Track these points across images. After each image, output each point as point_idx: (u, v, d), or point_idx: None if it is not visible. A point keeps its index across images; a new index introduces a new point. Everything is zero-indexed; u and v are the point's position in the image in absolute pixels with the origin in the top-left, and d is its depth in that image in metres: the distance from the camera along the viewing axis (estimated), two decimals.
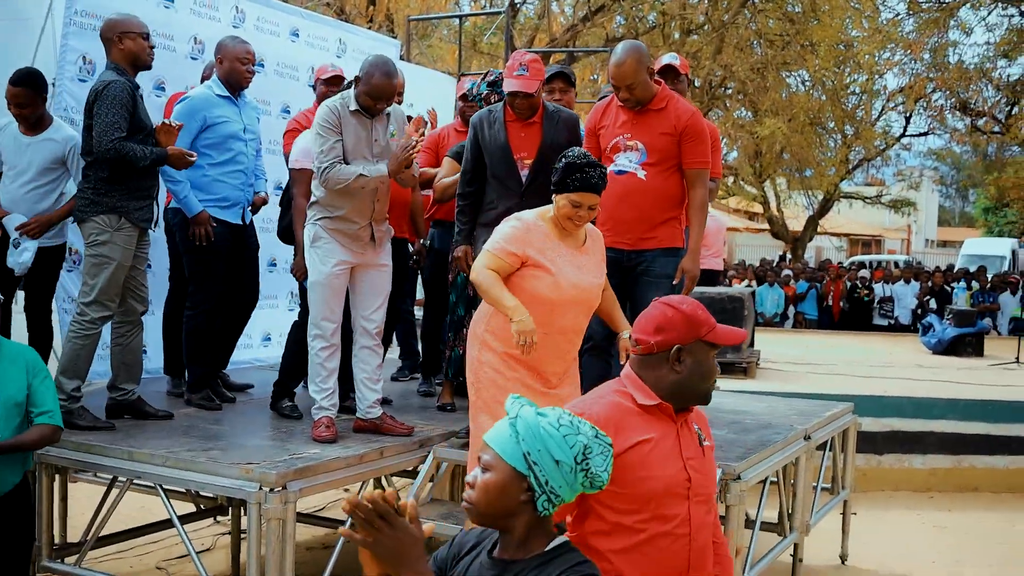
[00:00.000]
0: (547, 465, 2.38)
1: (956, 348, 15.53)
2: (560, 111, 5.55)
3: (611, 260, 5.16)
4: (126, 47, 5.49)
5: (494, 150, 5.43)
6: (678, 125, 5.27)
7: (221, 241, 6.07)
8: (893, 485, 10.25)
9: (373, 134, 5.33)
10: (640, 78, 5.21)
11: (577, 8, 20.71)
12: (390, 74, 5.19)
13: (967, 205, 61.77)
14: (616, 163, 5.34)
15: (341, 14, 18.42)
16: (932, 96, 25.97)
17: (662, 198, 5.34)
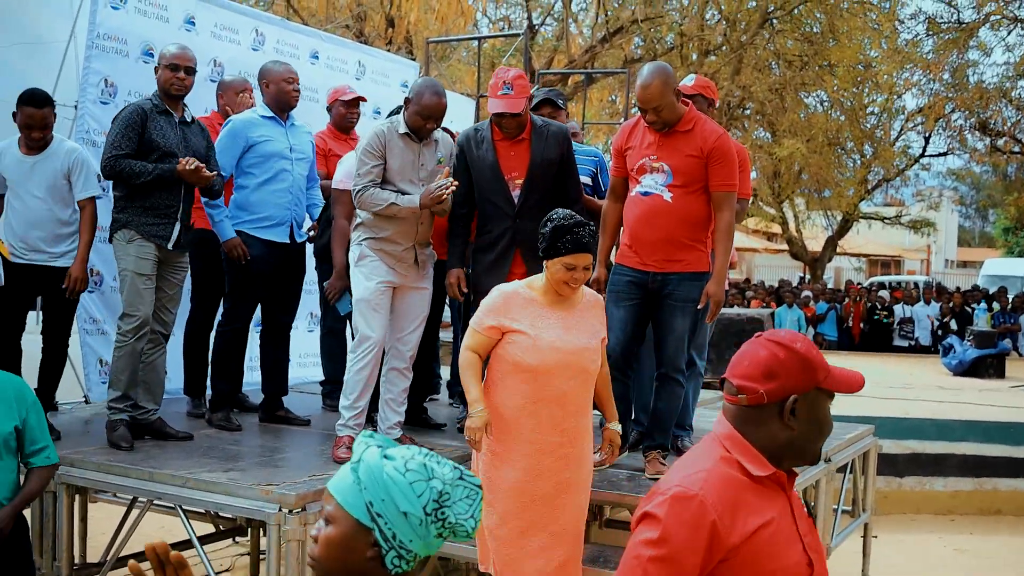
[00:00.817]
0: (392, 516, 1.99)
1: (977, 369, 15.45)
2: (549, 124, 5.42)
3: (635, 281, 5.30)
4: (157, 77, 5.67)
5: (483, 171, 5.32)
6: (704, 147, 5.17)
7: (261, 261, 6.09)
8: (914, 508, 10.19)
9: (420, 159, 5.38)
10: (667, 100, 5.11)
11: (596, 30, 20.76)
12: (439, 93, 5.27)
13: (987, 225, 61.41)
14: (642, 184, 5.25)
15: (360, 36, 18.54)
16: (951, 116, 25.90)
17: (688, 220, 5.23)
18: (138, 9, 6.73)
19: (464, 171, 5.34)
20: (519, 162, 5.29)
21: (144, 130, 5.48)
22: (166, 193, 5.59)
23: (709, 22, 21.69)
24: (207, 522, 7.01)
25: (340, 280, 5.82)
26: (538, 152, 5.29)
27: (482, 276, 5.27)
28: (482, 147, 5.30)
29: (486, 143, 5.30)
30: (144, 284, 5.52)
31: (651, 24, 20.18)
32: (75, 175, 5.77)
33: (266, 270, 6.14)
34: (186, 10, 7.12)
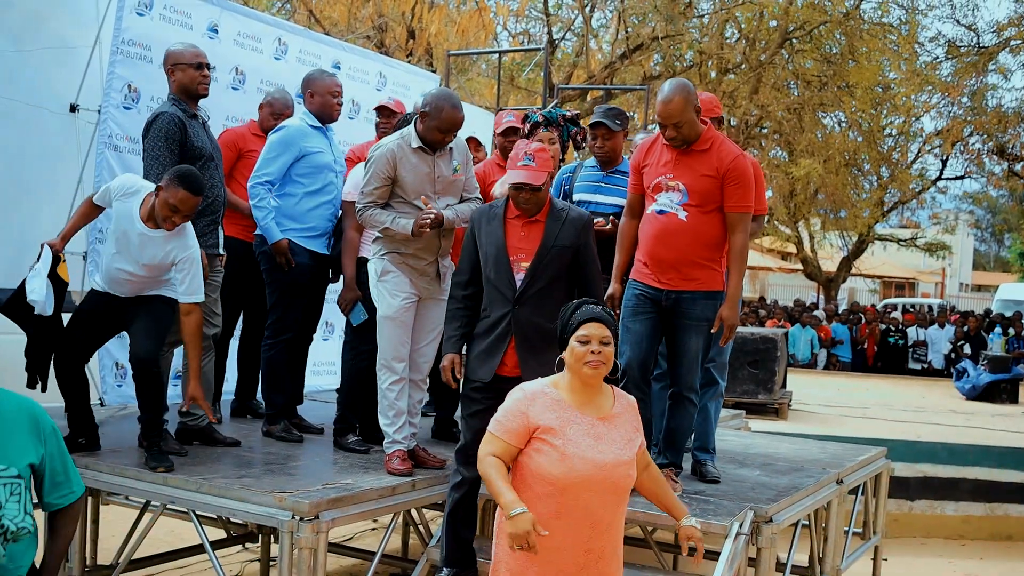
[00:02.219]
0: None
1: (990, 394, 15.41)
2: (570, 209, 4.92)
3: (649, 297, 5.27)
4: (177, 78, 5.62)
5: (490, 249, 4.81)
6: (721, 167, 5.10)
7: (305, 271, 6.09)
8: (925, 531, 10.15)
9: (436, 170, 5.35)
10: (687, 116, 5.06)
11: (615, 46, 20.80)
12: (457, 106, 5.26)
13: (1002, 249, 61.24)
14: (657, 202, 5.20)
15: (381, 47, 18.61)
16: (969, 139, 25.86)
17: (702, 240, 5.17)
18: (163, 16, 6.79)
19: (472, 248, 4.92)
20: (528, 244, 4.80)
21: (184, 139, 5.47)
22: (212, 200, 5.63)
23: (729, 40, 21.73)
24: (218, 527, 7.03)
25: (351, 291, 5.80)
26: (551, 235, 4.78)
27: (473, 363, 4.86)
28: (492, 224, 4.85)
29: (497, 220, 4.85)
30: None
31: (671, 41, 20.22)
32: (182, 272, 5.19)
33: (309, 280, 6.15)
34: (210, 18, 7.17)
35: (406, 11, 19.17)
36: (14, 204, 6.77)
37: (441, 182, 5.39)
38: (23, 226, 6.80)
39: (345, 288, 5.84)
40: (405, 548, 7.81)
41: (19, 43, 6.74)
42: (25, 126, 6.77)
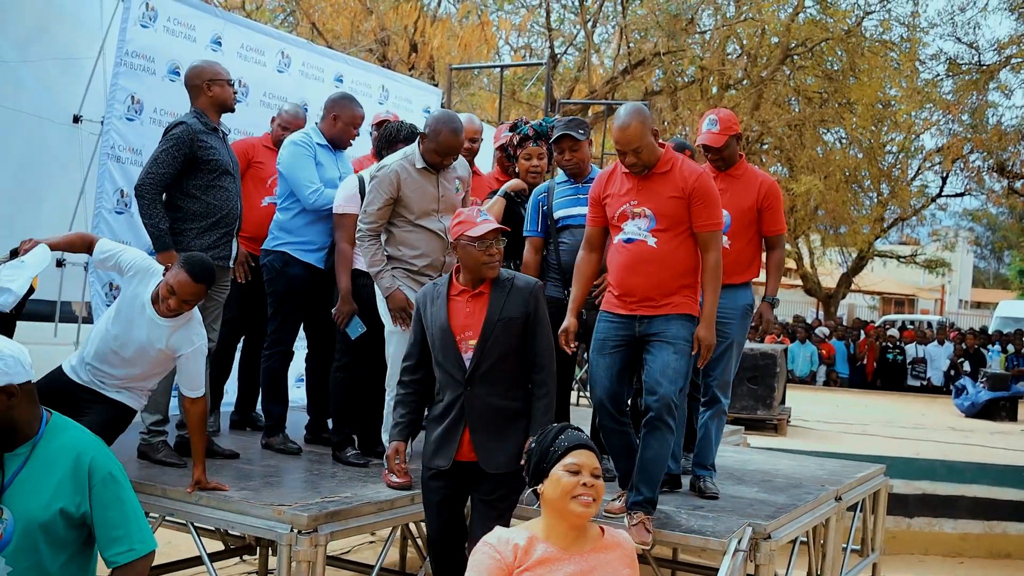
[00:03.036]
0: None
1: (989, 412, 15.40)
2: (515, 278, 4.58)
3: (621, 328, 5.00)
4: (215, 93, 5.66)
5: (435, 330, 4.50)
6: (686, 187, 4.90)
7: (300, 282, 6.12)
8: (923, 549, 10.14)
9: (440, 189, 5.41)
10: (646, 141, 4.85)
11: (617, 61, 20.86)
12: (456, 130, 5.30)
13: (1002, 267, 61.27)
14: (624, 231, 4.98)
15: (383, 61, 18.66)
16: (969, 157, 25.90)
17: (675, 266, 4.95)
18: (167, 28, 6.81)
19: (419, 329, 4.61)
20: (474, 320, 4.49)
21: (193, 150, 5.48)
22: (227, 212, 5.64)
23: (730, 56, 21.80)
24: (216, 539, 7.02)
25: (347, 304, 5.77)
26: (496, 308, 4.46)
27: (431, 449, 4.53)
28: (436, 303, 4.54)
29: (441, 299, 4.54)
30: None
31: (672, 57, 20.29)
32: (185, 363, 4.93)
33: (308, 293, 6.16)
34: (213, 30, 7.19)
35: (409, 25, 19.24)
36: (17, 213, 6.79)
37: (444, 202, 5.43)
38: (25, 236, 6.79)
39: (341, 301, 5.79)
40: (403, 561, 7.80)
41: (23, 53, 6.77)
42: (28, 136, 6.80)
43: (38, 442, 3.38)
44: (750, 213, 5.80)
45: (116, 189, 6.54)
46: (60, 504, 3.34)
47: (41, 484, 3.35)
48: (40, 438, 3.39)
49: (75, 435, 3.47)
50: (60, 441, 3.41)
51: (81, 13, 7.12)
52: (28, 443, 3.36)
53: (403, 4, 19.18)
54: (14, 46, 6.74)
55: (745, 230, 5.82)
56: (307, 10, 19.71)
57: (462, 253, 4.47)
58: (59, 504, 3.34)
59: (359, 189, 5.72)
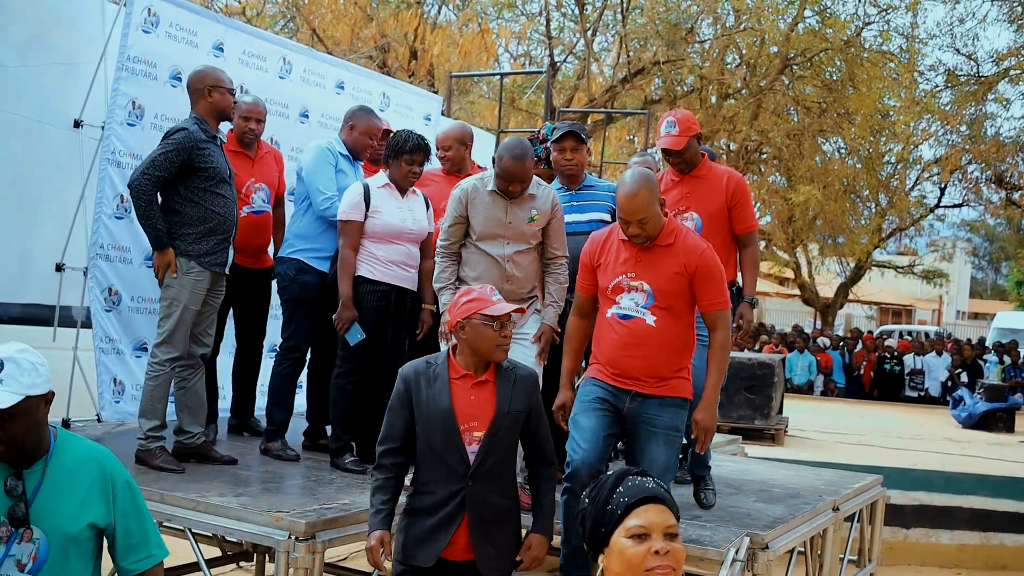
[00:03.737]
0: None
1: (987, 423, 15.41)
2: (517, 367, 4.27)
3: (608, 397, 4.69)
4: (215, 100, 5.68)
5: (433, 416, 4.07)
6: (690, 264, 4.60)
7: (314, 289, 6.14)
8: (919, 559, 10.14)
9: (508, 216, 5.30)
10: (653, 211, 4.53)
11: (617, 70, 20.89)
12: (518, 156, 5.16)
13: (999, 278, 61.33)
14: (620, 306, 4.65)
15: (383, 67, 18.69)
16: (968, 168, 25.96)
17: (673, 346, 4.65)
18: (168, 34, 6.81)
19: (406, 411, 4.13)
20: (480, 410, 4.11)
21: (191, 157, 5.49)
22: (225, 219, 5.66)
23: (730, 66, 21.83)
24: (213, 545, 7.01)
25: (348, 311, 5.73)
26: (505, 400, 4.13)
27: (413, 546, 4.10)
28: (435, 385, 4.12)
29: (441, 382, 4.12)
30: (191, 317, 5.58)
31: (672, 66, 20.33)
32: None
33: (319, 299, 6.16)
34: (215, 36, 7.19)
35: (409, 32, 19.29)
36: (17, 219, 6.78)
37: (512, 228, 5.30)
38: (25, 241, 6.82)
39: (341, 307, 5.75)
40: None
41: (24, 58, 6.77)
42: (29, 141, 6.79)
43: (51, 456, 3.25)
44: (720, 213, 5.62)
45: (116, 194, 6.54)
46: (90, 516, 3.24)
47: (66, 497, 3.23)
48: (52, 452, 3.27)
49: (87, 445, 3.37)
50: (73, 452, 3.30)
51: (82, 18, 7.12)
52: (42, 458, 3.24)
53: (403, 11, 19.24)
54: (15, 51, 6.73)
55: (717, 232, 5.57)
56: (308, 16, 19.75)
57: (472, 333, 4.07)
58: (88, 516, 3.24)
59: (363, 196, 5.73)
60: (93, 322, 6.53)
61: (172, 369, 5.58)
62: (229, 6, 20.06)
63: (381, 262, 5.75)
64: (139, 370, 6.61)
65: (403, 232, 5.79)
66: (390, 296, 5.79)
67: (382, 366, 5.78)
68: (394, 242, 5.77)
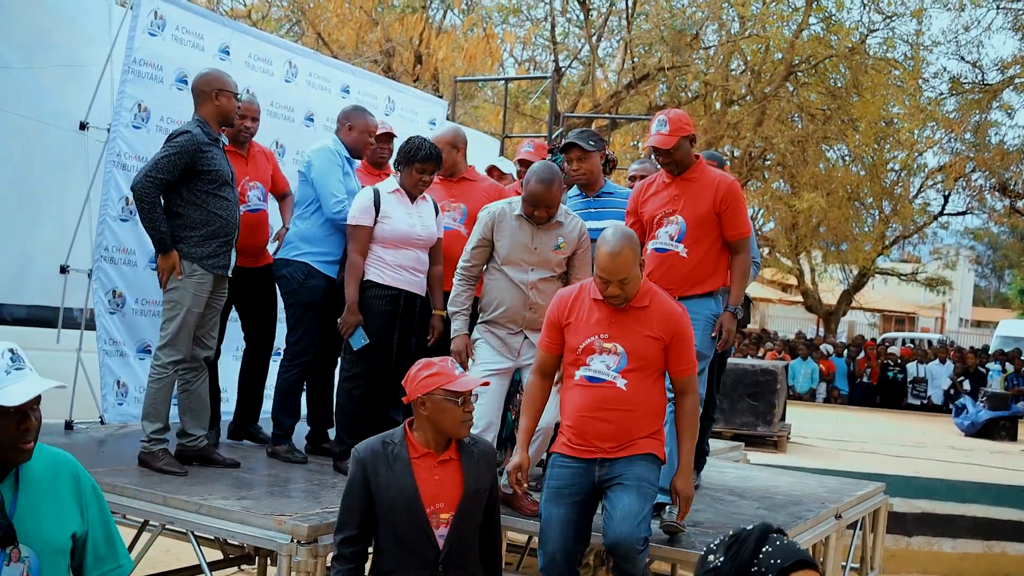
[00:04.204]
0: None
1: (989, 431, 15.40)
2: (476, 441, 4.11)
3: (579, 473, 4.46)
4: (221, 104, 5.68)
5: (396, 500, 3.85)
6: (667, 329, 4.45)
7: (321, 293, 6.12)
8: (922, 568, 10.13)
9: (534, 242, 5.24)
10: (634, 271, 4.41)
11: (621, 76, 20.91)
12: (544, 180, 5.10)
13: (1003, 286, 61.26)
14: (590, 367, 4.45)
15: (388, 72, 18.70)
16: (971, 176, 25.95)
17: (646, 410, 4.46)
18: (175, 37, 6.82)
19: (363, 495, 3.91)
20: (445, 490, 3.91)
21: (194, 160, 5.49)
22: (228, 222, 5.66)
23: (734, 72, 21.82)
24: (215, 548, 7.01)
25: (353, 315, 5.73)
26: (472, 478, 3.95)
27: None
28: (395, 467, 3.89)
29: (401, 463, 3.90)
30: (194, 320, 5.58)
31: (677, 72, 20.33)
32: None
33: (326, 303, 6.15)
34: (221, 39, 7.20)
35: (414, 36, 19.30)
36: (22, 221, 6.80)
37: (537, 255, 5.26)
38: (29, 243, 6.83)
39: (347, 311, 5.75)
40: None
41: (30, 60, 6.78)
42: (34, 143, 6.81)
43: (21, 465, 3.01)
44: (707, 219, 5.29)
45: (121, 197, 6.55)
46: (71, 526, 3.07)
47: (46, 508, 3.02)
48: None
49: (51, 450, 3.13)
50: (41, 459, 3.06)
51: (88, 20, 7.14)
52: (11, 469, 2.99)
53: (408, 16, 19.25)
54: (20, 52, 6.75)
55: (703, 238, 5.30)
56: (313, 20, 19.77)
57: (433, 410, 3.88)
58: (70, 526, 3.07)
59: (374, 201, 5.73)
60: (97, 324, 6.53)
61: (175, 372, 5.58)
62: (235, 9, 20.10)
63: (390, 267, 5.75)
64: (142, 372, 6.61)
65: (412, 238, 5.78)
66: (399, 300, 5.78)
67: (388, 371, 5.78)
68: (403, 247, 5.76)
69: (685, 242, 5.25)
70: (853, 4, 21.06)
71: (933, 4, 21.40)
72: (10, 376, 2.87)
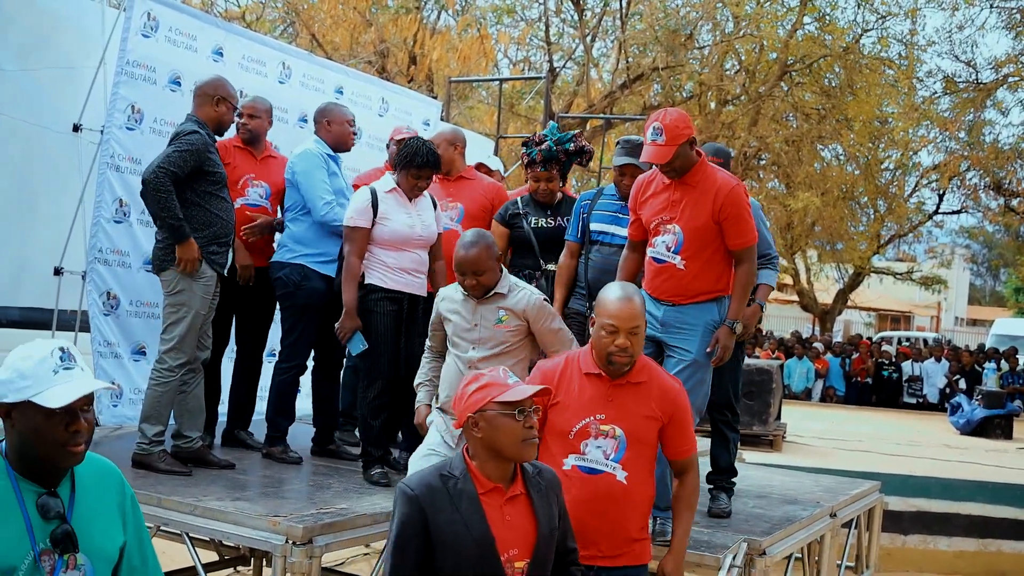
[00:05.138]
0: None
1: (985, 429, 15.42)
2: (540, 470, 3.51)
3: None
4: (220, 112, 5.80)
5: (464, 545, 3.21)
6: (666, 409, 4.06)
7: (318, 295, 6.11)
8: (917, 566, 10.14)
9: (475, 316, 4.86)
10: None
11: (616, 76, 20.92)
12: (466, 245, 4.79)
13: (998, 284, 61.34)
14: (585, 457, 3.96)
15: (382, 72, 18.70)
16: (966, 174, 25.97)
17: (641, 502, 4.07)
18: (168, 38, 6.80)
19: (420, 542, 3.23)
20: (516, 532, 3.32)
21: (202, 161, 5.56)
22: (227, 223, 5.73)
23: (729, 72, 21.85)
24: (210, 550, 7.01)
25: (351, 320, 5.61)
26: (545, 516, 3.40)
27: None
28: (462, 505, 3.26)
29: (468, 499, 3.27)
30: (200, 322, 5.61)
31: (671, 72, 20.35)
32: None
33: (323, 305, 6.13)
34: (215, 41, 7.19)
35: (408, 37, 19.31)
36: (15, 223, 6.79)
37: (477, 332, 4.87)
38: (23, 245, 6.83)
39: (344, 316, 5.62)
40: None
41: (23, 62, 6.78)
42: (28, 145, 6.81)
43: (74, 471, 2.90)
44: (707, 229, 4.84)
45: (115, 198, 6.54)
46: (120, 535, 2.95)
47: (99, 515, 2.91)
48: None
49: (96, 457, 3.01)
50: (90, 465, 2.95)
51: (82, 22, 7.12)
52: (67, 472, 2.88)
53: (402, 16, 19.26)
54: (14, 55, 6.74)
55: (703, 248, 4.87)
56: (307, 21, 19.77)
57: (488, 429, 3.28)
58: (119, 535, 2.94)
59: (371, 203, 5.63)
60: (91, 326, 6.52)
61: (181, 375, 5.59)
62: (229, 11, 20.09)
63: (392, 270, 5.65)
64: (137, 374, 6.61)
65: (412, 239, 5.70)
66: (402, 304, 5.68)
67: (399, 376, 5.68)
68: (404, 249, 5.68)
69: (683, 253, 4.84)
70: (847, 4, 21.09)
71: (927, 3, 21.42)
72: (57, 376, 2.74)
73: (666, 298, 4.90)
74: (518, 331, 4.84)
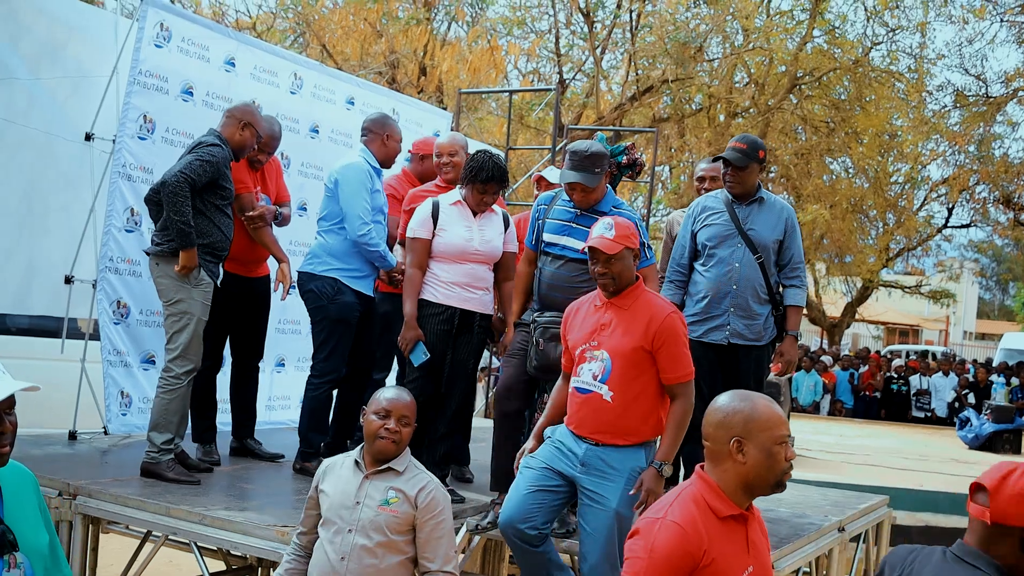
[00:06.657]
0: None
1: (993, 444, 15.39)
2: None
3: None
4: (245, 136, 5.87)
5: None
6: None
7: (351, 309, 6.04)
8: None
9: (358, 494, 3.96)
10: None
11: (625, 88, 20.94)
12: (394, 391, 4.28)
13: (1007, 298, 61.23)
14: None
15: (393, 83, 18.73)
16: (975, 188, 25.96)
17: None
18: (180, 48, 6.85)
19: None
20: None
21: (219, 176, 5.63)
22: (226, 237, 5.78)
23: (738, 85, 21.85)
24: (218, 558, 7.01)
25: (412, 330, 5.46)
26: None
27: None
28: None
29: None
30: (202, 329, 5.64)
31: (680, 84, 20.35)
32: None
33: (356, 319, 6.09)
34: (227, 51, 7.23)
35: (418, 48, 19.33)
36: (27, 231, 6.82)
37: (356, 512, 3.94)
38: (34, 253, 6.86)
39: (405, 327, 5.50)
40: None
41: (37, 71, 6.81)
42: (40, 154, 6.84)
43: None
44: (636, 356, 4.35)
45: (126, 207, 6.58)
46: (46, 535, 2.91)
47: (26, 514, 2.88)
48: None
49: (14, 464, 2.93)
50: (7, 466, 2.86)
51: (95, 32, 7.17)
52: None
53: (413, 27, 19.28)
54: (27, 64, 6.78)
55: (632, 380, 4.37)
56: (318, 32, 19.81)
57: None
58: (45, 535, 2.91)
59: (432, 214, 5.53)
60: (101, 334, 6.56)
61: (188, 382, 5.61)
62: (240, 21, 20.15)
63: (443, 284, 5.52)
64: (147, 383, 6.64)
65: (468, 252, 5.52)
66: (452, 320, 5.51)
67: (438, 392, 5.58)
68: (459, 262, 5.52)
69: (610, 383, 4.36)
70: (857, 17, 21.13)
71: (937, 17, 21.43)
72: None
73: (588, 435, 4.41)
74: (404, 522, 3.91)
